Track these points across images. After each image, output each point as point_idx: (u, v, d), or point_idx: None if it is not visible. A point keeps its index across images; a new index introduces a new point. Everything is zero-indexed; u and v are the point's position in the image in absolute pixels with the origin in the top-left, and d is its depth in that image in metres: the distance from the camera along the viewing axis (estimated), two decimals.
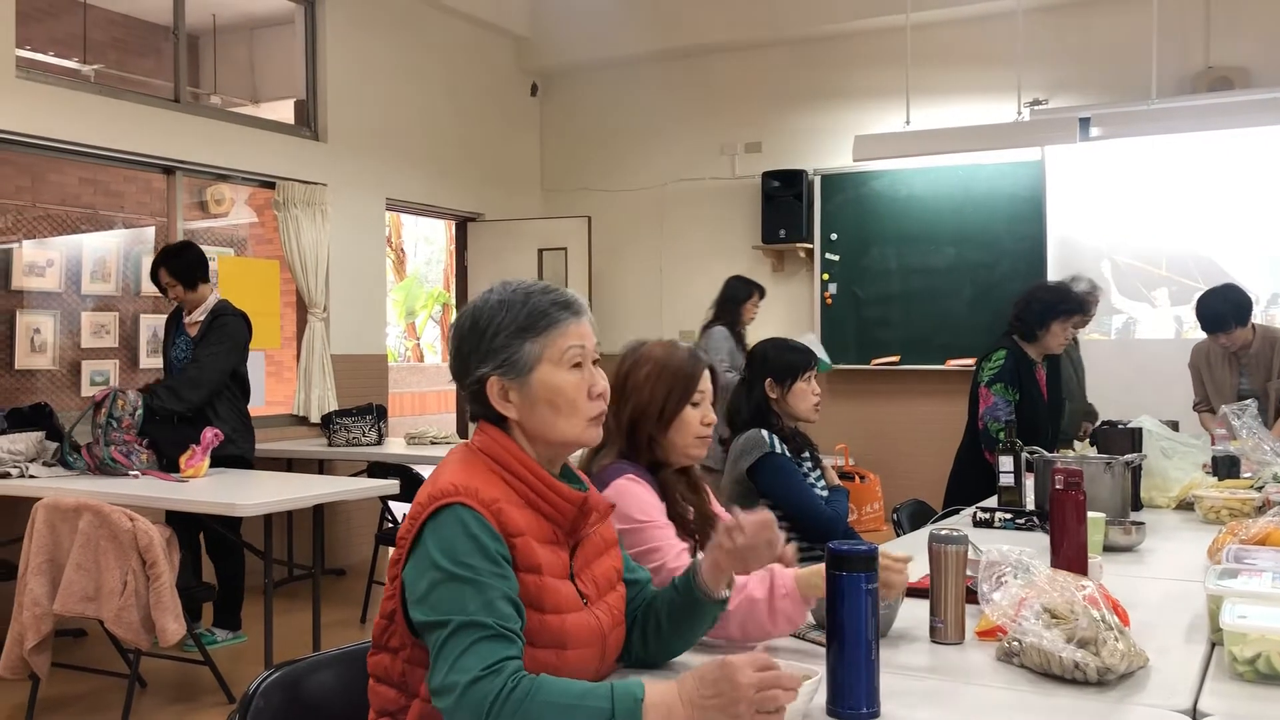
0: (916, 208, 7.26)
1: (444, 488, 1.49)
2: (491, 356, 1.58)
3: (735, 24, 7.67)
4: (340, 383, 6.65)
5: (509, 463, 1.56)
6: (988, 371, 4.14)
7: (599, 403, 1.62)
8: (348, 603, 5.70)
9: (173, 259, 4.93)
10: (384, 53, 7.17)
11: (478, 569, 1.42)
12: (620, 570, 1.71)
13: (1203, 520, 3.03)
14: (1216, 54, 6.49)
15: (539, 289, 1.61)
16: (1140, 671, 1.65)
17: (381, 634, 1.57)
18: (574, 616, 1.53)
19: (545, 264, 7.91)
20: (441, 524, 1.46)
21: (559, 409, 1.58)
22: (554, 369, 1.58)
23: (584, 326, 1.62)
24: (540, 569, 1.50)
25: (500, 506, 1.49)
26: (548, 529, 1.56)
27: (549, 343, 1.58)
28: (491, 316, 1.59)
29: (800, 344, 3.37)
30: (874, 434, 7.08)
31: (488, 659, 1.36)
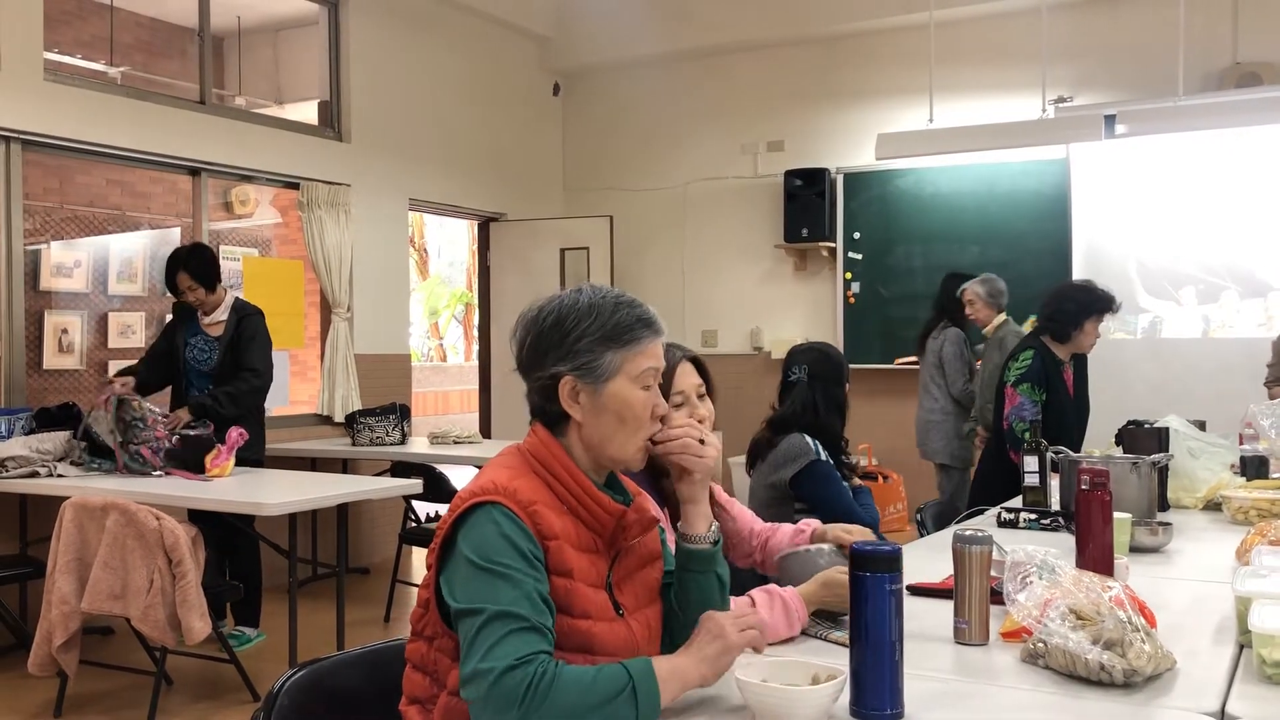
0: (940, 206, 7.23)
1: (484, 485, 1.51)
2: (572, 357, 1.58)
3: (757, 23, 7.65)
4: (364, 382, 6.68)
5: (554, 467, 1.57)
6: (1014, 371, 4.13)
7: (657, 425, 1.63)
8: (371, 602, 5.72)
9: (192, 262, 4.89)
10: (407, 53, 7.20)
11: (510, 565, 1.44)
12: (659, 584, 1.70)
13: (1230, 521, 3.01)
14: (1244, 49, 6.43)
15: (626, 300, 1.62)
16: (1167, 674, 1.63)
17: (418, 622, 1.59)
18: (604, 625, 1.54)
19: (567, 264, 7.92)
20: (476, 521, 1.48)
21: (625, 423, 1.59)
22: (629, 384, 1.58)
23: (660, 347, 1.63)
24: (572, 574, 1.51)
25: (538, 509, 1.50)
26: (588, 537, 1.57)
27: (630, 357, 1.58)
28: (579, 318, 1.59)
29: None
30: (897, 434, 7.04)
31: (521, 650, 1.38)
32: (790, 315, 7.71)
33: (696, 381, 2.18)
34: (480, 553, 1.45)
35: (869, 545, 1.49)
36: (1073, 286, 4.46)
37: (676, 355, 2.16)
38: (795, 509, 3.16)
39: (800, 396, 3.20)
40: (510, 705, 1.35)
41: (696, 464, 1.65)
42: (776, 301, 7.85)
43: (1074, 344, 4.20)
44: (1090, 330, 4.17)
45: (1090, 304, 4.17)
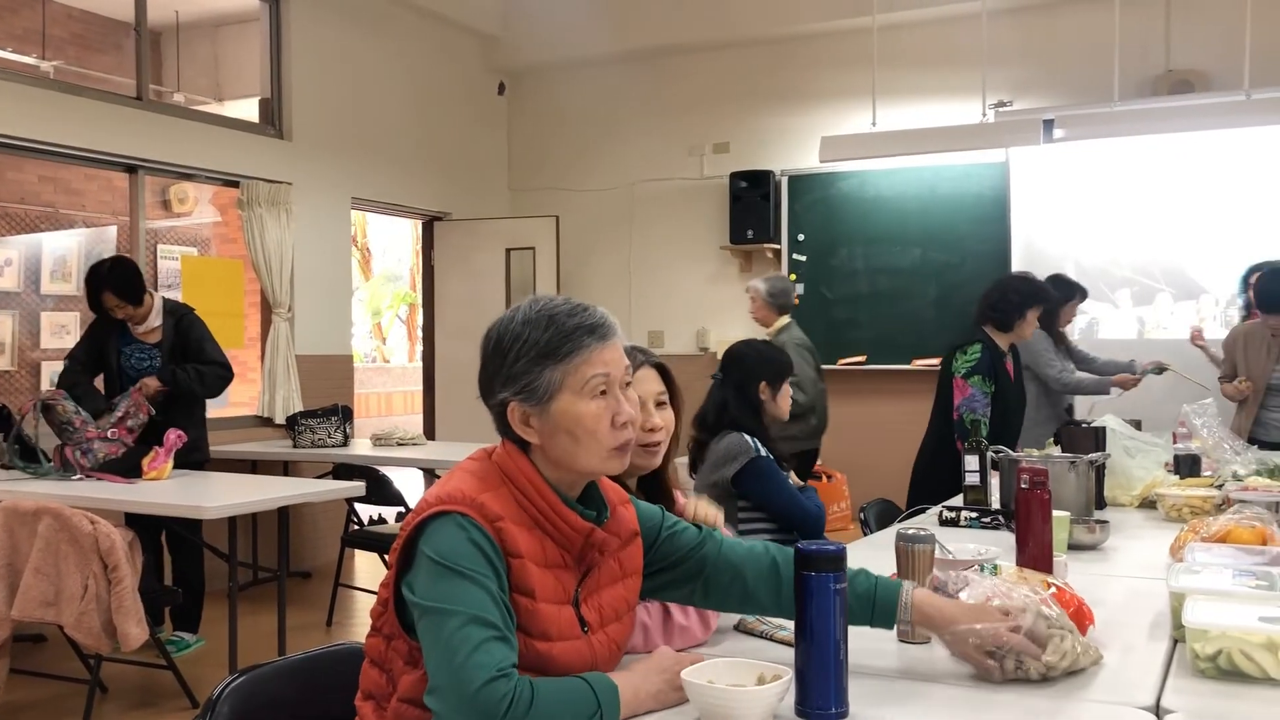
0: (883, 208, 7.31)
1: (452, 493, 1.48)
2: (513, 381, 1.53)
3: (703, 25, 7.68)
4: (305, 383, 6.59)
5: (521, 482, 1.53)
6: (964, 363, 4.16)
7: (623, 432, 1.55)
8: (313, 606, 5.65)
9: (114, 279, 4.69)
10: (350, 51, 7.12)
11: (477, 569, 1.42)
12: (632, 601, 1.67)
13: (1165, 518, 3.07)
14: (1177, 58, 6.58)
15: (565, 310, 1.55)
16: (1105, 669, 1.66)
17: (378, 618, 1.56)
18: (563, 645, 1.51)
19: (513, 264, 7.89)
20: (440, 527, 1.45)
21: (578, 439, 1.52)
22: (575, 398, 1.52)
23: (610, 351, 1.55)
24: (534, 593, 1.49)
25: (504, 525, 1.47)
26: (555, 552, 1.54)
27: (571, 370, 1.52)
28: (515, 338, 1.54)
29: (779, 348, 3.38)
30: (841, 433, 7.09)
31: (501, 662, 1.36)
32: (736, 316, 7.73)
33: (657, 389, 2.12)
34: (445, 555, 1.42)
35: (814, 545, 1.49)
36: (1014, 278, 4.57)
37: (639, 359, 2.10)
38: (739, 507, 3.18)
39: (712, 396, 3.25)
40: (488, 718, 1.32)
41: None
42: (722, 302, 7.88)
43: (1016, 333, 4.30)
44: (1031, 319, 4.29)
45: (1032, 294, 4.29)
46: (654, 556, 1.70)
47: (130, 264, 4.88)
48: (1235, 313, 6.23)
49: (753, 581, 1.70)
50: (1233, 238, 6.30)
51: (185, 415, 4.79)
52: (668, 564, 1.71)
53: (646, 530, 1.70)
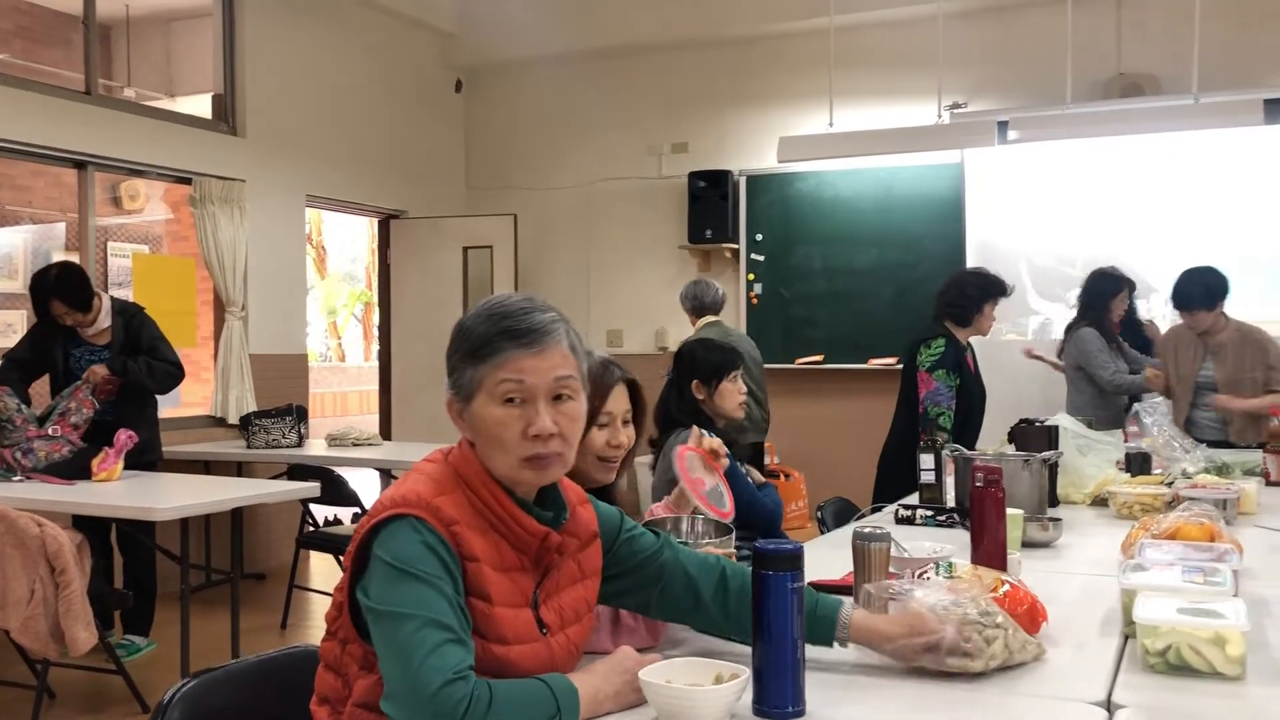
0: (840, 209, 7.35)
1: (407, 496, 1.47)
2: (450, 374, 1.56)
3: (662, 24, 7.68)
4: (259, 383, 6.52)
5: (475, 484, 1.52)
6: (929, 357, 4.19)
7: (534, 444, 1.50)
8: (267, 608, 5.59)
9: (62, 287, 4.56)
10: (305, 47, 7.05)
11: (432, 572, 1.41)
12: (592, 601, 1.66)
13: (1116, 516, 3.11)
14: (1127, 61, 6.68)
15: (503, 311, 1.53)
16: (1057, 665, 1.68)
17: (332, 622, 1.55)
18: (521, 648, 1.50)
19: (470, 262, 7.85)
20: (395, 530, 1.44)
21: (488, 444, 1.52)
22: (487, 400, 1.51)
23: (534, 360, 1.51)
24: (490, 597, 1.48)
25: (459, 530, 1.46)
26: (511, 555, 1.53)
27: (487, 374, 1.51)
28: (456, 334, 1.56)
29: (726, 344, 3.38)
30: (798, 432, 7.14)
31: (458, 664, 1.35)
32: None
33: (626, 406, 2.13)
34: (400, 558, 1.41)
35: (771, 544, 1.50)
36: (969, 273, 4.64)
37: (615, 374, 2.10)
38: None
39: (662, 395, 3.28)
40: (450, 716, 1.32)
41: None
42: None
43: (974, 328, 4.35)
44: (989, 313, 4.35)
45: (988, 288, 4.34)
46: (612, 559, 1.69)
47: (77, 271, 4.74)
48: None
49: (705, 593, 1.70)
50: (1181, 238, 6.40)
51: (136, 415, 4.72)
52: (625, 569, 1.70)
53: (605, 532, 1.69)
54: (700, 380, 3.20)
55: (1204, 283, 4.79)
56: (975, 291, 4.32)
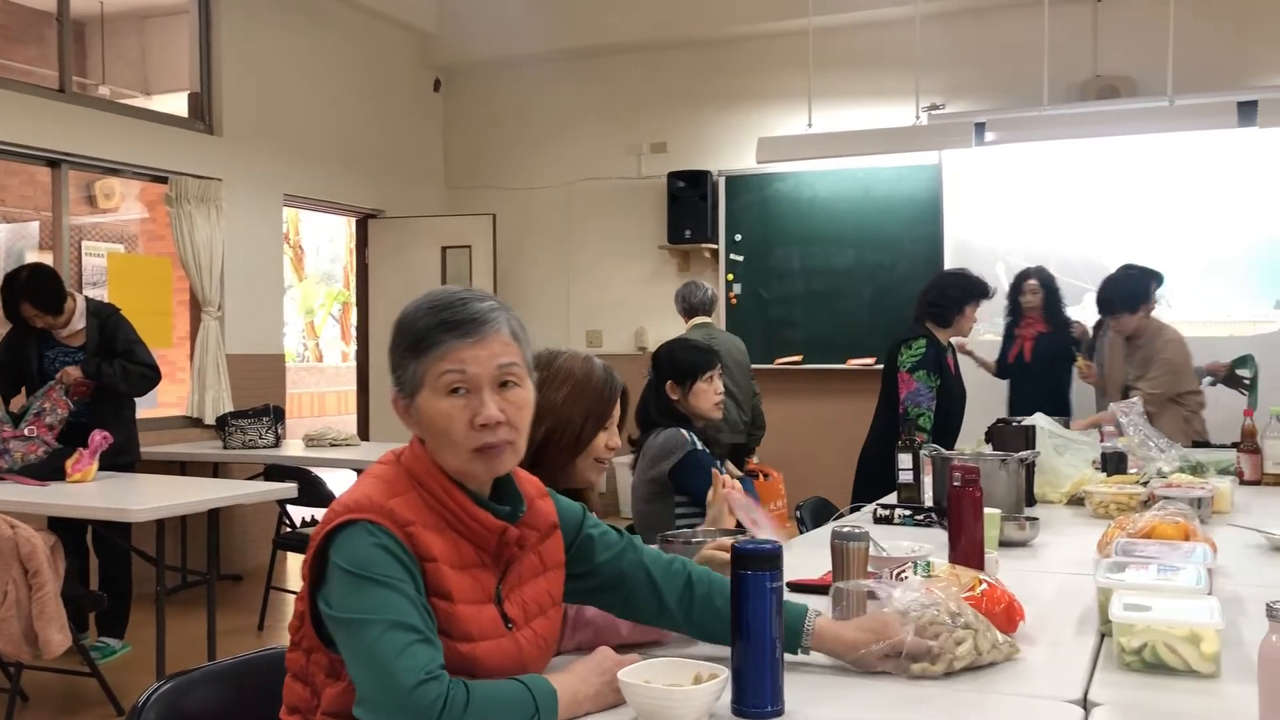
0: (819, 209, 7.37)
1: (360, 501, 1.45)
2: (393, 371, 1.55)
3: (641, 25, 7.68)
4: (236, 383, 6.48)
5: (429, 484, 1.51)
6: (910, 358, 4.21)
7: (483, 434, 1.49)
8: (244, 610, 5.55)
9: (32, 290, 4.51)
10: (282, 45, 7.01)
11: (392, 575, 1.40)
12: (557, 595, 1.65)
13: (1092, 515, 3.12)
14: (1103, 64, 6.72)
15: (440, 304, 1.52)
16: (1034, 663, 1.69)
17: (295, 632, 1.53)
18: (488, 645, 1.49)
19: (449, 262, 7.83)
20: (350, 536, 1.42)
21: (436, 438, 1.51)
22: (431, 394, 1.50)
23: (475, 349, 1.50)
24: (451, 596, 1.46)
25: (414, 530, 1.44)
26: (470, 553, 1.51)
27: (429, 366, 1.50)
28: (397, 330, 1.55)
29: (704, 344, 3.38)
30: (777, 432, 7.14)
31: (429, 664, 1.34)
32: (674, 316, 7.72)
33: (618, 410, 2.19)
34: (358, 564, 1.39)
35: (750, 543, 1.50)
36: (951, 274, 4.67)
37: (618, 381, 2.18)
38: (675, 501, 3.19)
39: (642, 396, 3.28)
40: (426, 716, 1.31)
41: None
42: (661, 302, 7.87)
43: (955, 329, 4.37)
44: (970, 314, 4.37)
45: (969, 289, 4.37)
46: (574, 555, 1.68)
47: (48, 273, 4.67)
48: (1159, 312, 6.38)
49: (669, 598, 1.70)
50: (1156, 239, 6.45)
51: (112, 416, 4.68)
52: (588, 568, 1.69)
53: (567, 527, 1.68)
54: (674, 381, 3.20)
55: (1126, 287, 4.90)
56: (957, 293, 4.34)
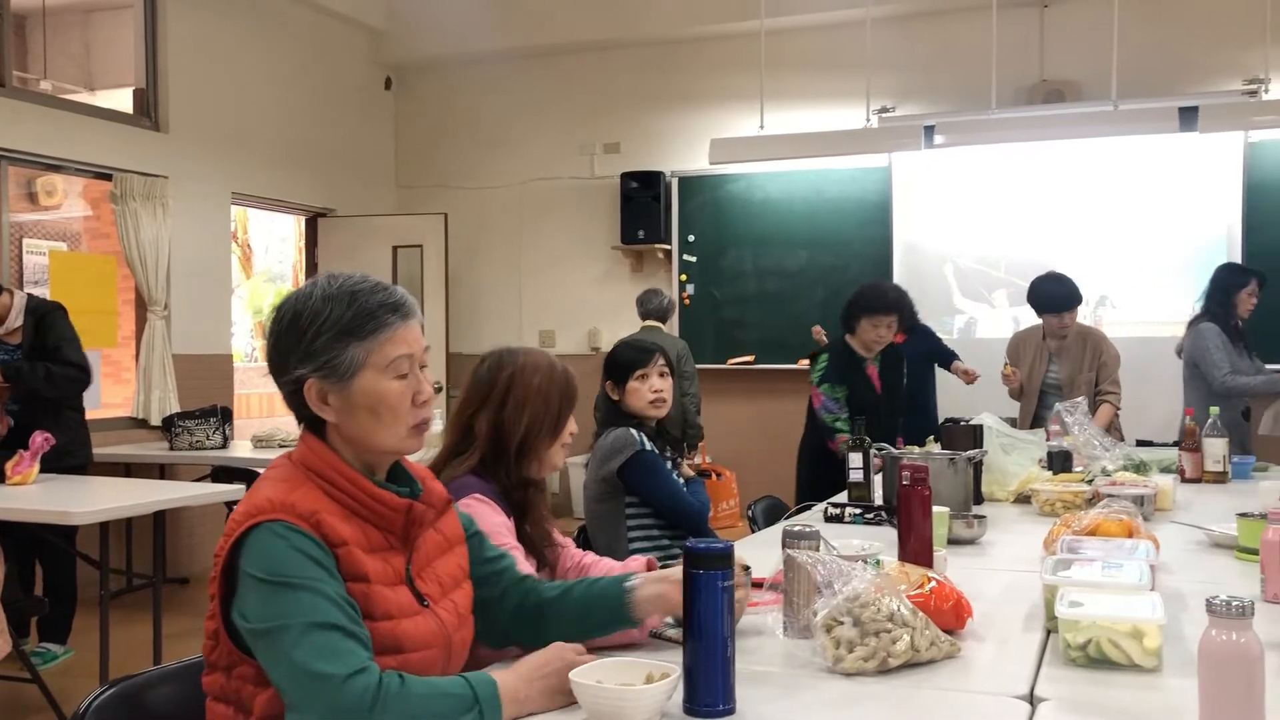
0: (771, 211, 7.41)
1: (260, 504, 1.44)
2: (312, 358, 1.50)
3: (594, 24, 7.67)
4: (182, 384, 6.38)
5: (329, 475, 1.50)
6: (815, 372, 4.42)
7: (423, 410, 1.55)
8: (192, 613, 5.47)
9: None
10: (230, 41, 6.91)
11: (308, 575, 1.38)
12: (465, 568, 1.68)
13: (1039, 513, 3.17)
14: (1050, 68, 6.83)
15: (367, 287, 1.53)
16: (982, 660, 1.71)
17: (210, 653, 1.51)
18: (409, 621, 1.50)
19: (400, 262, 7.77)
20: (257, 541, 1.41)
21: (380, 417, 1.51)
22: (378, 376, 1.51)
23: (413, 331, 1.54)
24: (367, 577, 1.46)
25: (320, 517, 1.44)
26: (377, 537, 1.51)
27: (375, 348, 1.50)
28: (315, 315, 1.51)
29: (645, 343, 3.39)
30: (730, 432, 7.19)
31: (355, 661, 1.34)
32: (627, 316, 7.73)
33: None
34: (270, 570, 1.37)
35: (702, 543, 1.50)
36: (860, 287, 4.61)
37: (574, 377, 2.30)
38: (626, 501, 3.19)
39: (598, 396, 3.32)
40: (356, 714, 1.31)
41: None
42: (614, 302, 7.89)
43: (857, 340, 4.42)
44: (866, 328, 4.37)
45: (852, 304, 4.43)
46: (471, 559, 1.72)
47: None
48: (1104, 313, 6.50)
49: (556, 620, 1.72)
50: (1101, 242, 6.57)
51: (51, 418, 4.57)
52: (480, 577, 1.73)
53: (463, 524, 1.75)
54: (612, 380, 3.21)
55: (1070, 285, 4.98)
56: (850, 308, 4.43)
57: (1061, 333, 5.00)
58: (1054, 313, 4.97)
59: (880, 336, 4.39)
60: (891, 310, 4.37)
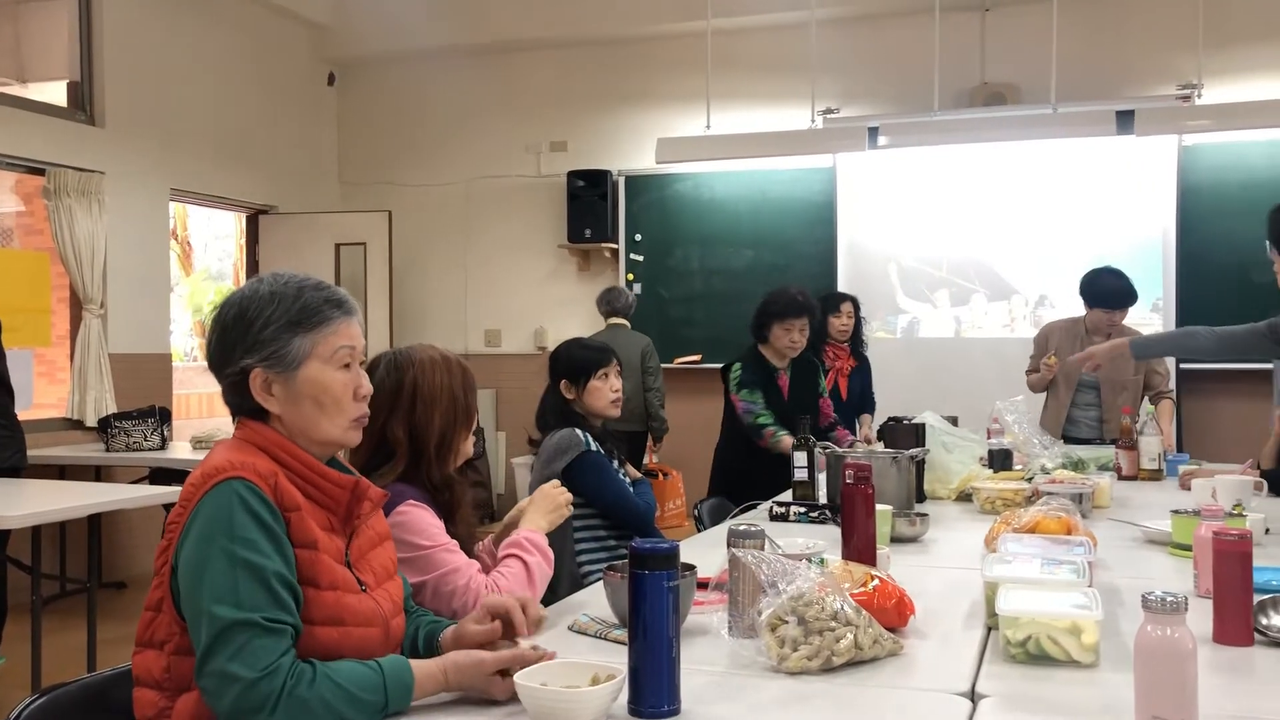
0: (717, 210, 7.43)
1: (219, 464, 1.47)
2: (258, 348, 1.55)
3: (541, 22, 7.64)
4: (119, 384, 6.26)
5: (276, 451, 1.55)
6: (733, 380, 4.38)
7: (362, 404, 1.62)
8: (128, 618, 5.36)
9: None
10: (169, 33, 6.79)
11: (255, 543, 1.41)
12: (396, 562, 1.73)
13: (980, 510, 3.21)
14: (990, 71, 6.92)
15: (311, 284, 1.60)
16: (924, 657, 1.73)
17: (146, 629, 1.51)
18: (352, 596, 1.54)
19: (343, 260, 7.68)
20: (217, 498, 1.44)
21: (324, 407, 1.58)
22: (323, 367, 1.57)
23: (354, 327, 1.62)
24: (316, 544, 1.50)
25: (278, 479, 1.49)
26: (322, 515, 1.56)
27: (320, 339, 1.57)
28: (262, 307, 1.56)
29: (598, 342, 3.38)
30: (676, 431, 7.18)
31: (264, 659, 1.37)
32: (574, 315, 7.73)
33: None
34: (225, 531, 1.41)
35: (647, 544, 1.50)
36: (770, 291, 4.50)
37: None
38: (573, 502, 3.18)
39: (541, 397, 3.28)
40: (256, 713, 1.35)
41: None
42: (560, 301, 7.87)
43: (773, 348, 4.37)
44: (779, 334, 4.31)
45: (762, 311, 4.37)
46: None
47: None
48: (1044, 312, 6.60)
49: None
50: (1041, 242, 6.67)
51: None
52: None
53: None
54: (569, 380, 3.19)
55: (1127, 284, 4.72)
56: (759, 316, 4.38)
57: (1109, 330, 4.71)
58: (1106, 308, 4.71)
59: (794, 341, 4.33)
60: (802, 313, 4.31)
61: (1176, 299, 6.40)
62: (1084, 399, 4.84)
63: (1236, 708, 1.49)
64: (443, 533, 2.09)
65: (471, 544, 2.22)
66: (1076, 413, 4.86)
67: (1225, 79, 6.36)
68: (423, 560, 2.02)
